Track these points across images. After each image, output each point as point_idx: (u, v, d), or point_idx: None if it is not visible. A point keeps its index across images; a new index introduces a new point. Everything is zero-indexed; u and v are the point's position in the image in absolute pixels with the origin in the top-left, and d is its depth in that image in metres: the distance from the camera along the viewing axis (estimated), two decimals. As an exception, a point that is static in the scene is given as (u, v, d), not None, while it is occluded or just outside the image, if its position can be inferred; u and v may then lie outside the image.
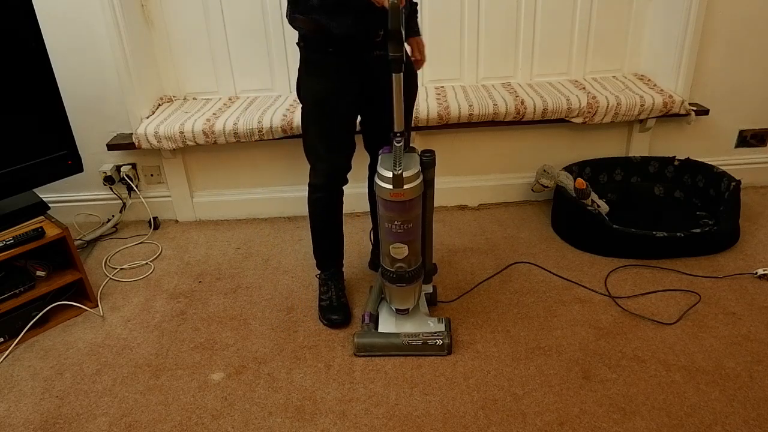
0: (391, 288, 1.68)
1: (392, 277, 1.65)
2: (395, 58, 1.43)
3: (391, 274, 1.65)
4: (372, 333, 1.71)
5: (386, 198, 1.52)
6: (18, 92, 1.75)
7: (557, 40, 2.44)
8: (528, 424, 1.43)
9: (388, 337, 1.68)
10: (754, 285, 1.90)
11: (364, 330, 1.72)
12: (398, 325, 1.73)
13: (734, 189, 2.15)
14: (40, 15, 1.75)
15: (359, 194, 2.02)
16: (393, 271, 1.64)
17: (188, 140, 2.22)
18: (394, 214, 1.54)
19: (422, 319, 1.73)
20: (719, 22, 2.28)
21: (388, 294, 1.72)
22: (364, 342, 1.68)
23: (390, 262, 1.63)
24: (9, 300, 1.78)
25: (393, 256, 1.61)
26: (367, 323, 1.73)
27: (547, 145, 2.48)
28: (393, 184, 1.49)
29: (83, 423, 1.51)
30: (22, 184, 1.83)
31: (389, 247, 1.60)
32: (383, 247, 1.62)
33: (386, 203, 1.53)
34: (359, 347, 1.68)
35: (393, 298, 1.71)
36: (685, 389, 1.50)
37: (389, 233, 1.58)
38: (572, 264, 2.07)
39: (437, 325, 1.71)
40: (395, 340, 1.67)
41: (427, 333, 1.67)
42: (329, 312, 1.83)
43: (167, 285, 2.08)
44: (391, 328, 1.73)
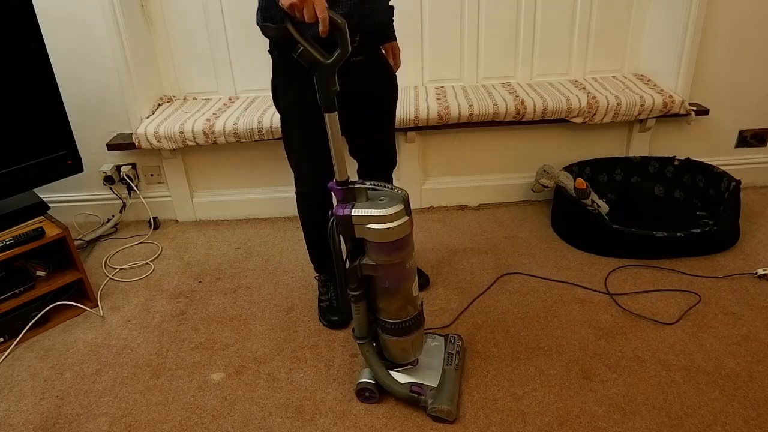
0: (413, 337, 1.46)
1: (416, 322, 1.44)
2: (328, 97, 1.28)
3: (414, 319, 1.44)
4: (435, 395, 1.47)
5: (404, 234, 1.31)
6: (18, 92, 1.75)
7: (557, 40, 2.44)
8: (528, 424, 1.43)
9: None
10: (754, 285, 1.90)
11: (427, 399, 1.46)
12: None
13: (734, 189, 2.15)
14: (40, 15, 1.75)
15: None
16: (417, 312, 1.45)
17: (188, 140, 2.23)
18: (409, 248, 1.36)
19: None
20: (719, 22, 2.28)
21: (404, 349, 1.48)
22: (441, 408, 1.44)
23: (413, 308, 1.43)
24: (9, 300, 1.78)
25: (415, 297, 1.42)
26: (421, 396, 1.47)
27: (547, 145, 2.48)
28: (406, 213, 1.30)
29: (83, 423, 1.51)
30: (22, 184, 1.83)
31: (412, 290, 1.40)
32: (401, 297, 1.40)
33: (403, 240, 1.32)
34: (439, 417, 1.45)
35: (415, 347, 1.50)
36: (685, 389, 1.50)
37: (408, 275, 1.38)
38: (572, 264, 2.07)
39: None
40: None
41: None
42: (329, 313, 1.82)
43: (167, 285, 2.08)
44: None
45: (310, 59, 1.25)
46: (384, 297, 1.41)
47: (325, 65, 1.25)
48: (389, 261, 1.34)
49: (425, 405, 1.45)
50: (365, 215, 1.29)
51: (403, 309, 1.42)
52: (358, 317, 1.46)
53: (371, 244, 1.33)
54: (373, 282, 1.40)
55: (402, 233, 1.30)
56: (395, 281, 1.37)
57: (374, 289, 1.41)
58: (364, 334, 1.48)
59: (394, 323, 1.42)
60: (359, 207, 1.30)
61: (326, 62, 1.25)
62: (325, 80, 1.27)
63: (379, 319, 1.46)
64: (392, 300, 1.40)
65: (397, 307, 1.41)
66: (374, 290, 1.42)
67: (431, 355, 1.56)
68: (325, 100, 1.29)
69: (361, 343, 1.49)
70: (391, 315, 1.42)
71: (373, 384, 1.49)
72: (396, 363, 1.52)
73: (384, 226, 1.28)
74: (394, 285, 1.38)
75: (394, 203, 1.29)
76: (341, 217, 1.32)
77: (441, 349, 1.58)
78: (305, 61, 1.25)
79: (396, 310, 1.42)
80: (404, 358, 1.51)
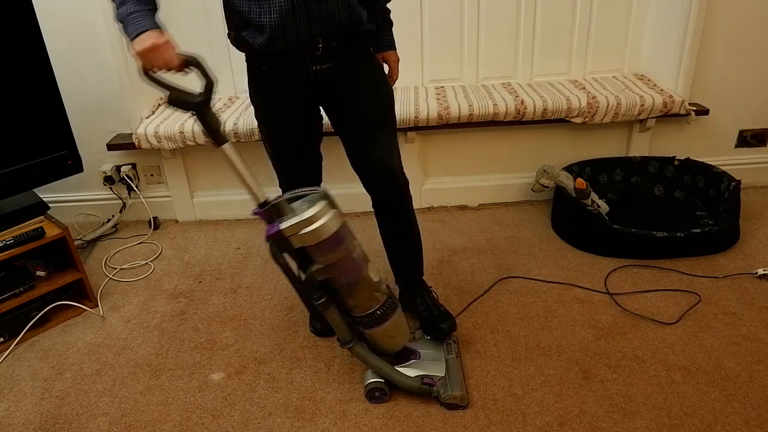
0: (394, 321, 1.46)
1: (389, 305, 1.45)
2: (213, 131, 1.29)
3: (386, 304, 1.45)
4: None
5: (336, 227, 1.31)
6: (18, 92, 1.75)
7: (557, 40, 2.44)
8: (528, 424, 1.43)
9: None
10: (754, 285, 1.90)
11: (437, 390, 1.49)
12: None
13: (734, 189, 2.15)
14: (40, 15, 1.75)
15: (358, 194, 1.99)
16: (387, 296, 1.45)
17: (188, 140, 2.23)
18: (348, 238, 1.36)
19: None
20: (719, 22, 2.28)
21: (391, 336, 1.49)
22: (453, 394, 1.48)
23: (380, 294, 1.44)
24: (9, 300, 1.78)
25: (378, 282, 1.43)
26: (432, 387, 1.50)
27: (547, 145, 2.48)
28: (331, 207, 1.32)
29: (83, 423, 1.51)
30: (22, 184, 1.83)
31: (372, 277, 1.41)
32: (363, 287, 1.41)
33: (338, 233, 1.32)
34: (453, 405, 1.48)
35: (402, 330, 1.50)
36: (685, 389, 1.50)
37: (360, 263, 1.39)
38: (572, 264, 2.07)
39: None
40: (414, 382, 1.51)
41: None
42: (316, 320, 1.79)
43: (167, 285, 2.08)
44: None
45: (179, 102, 1.26)
46: (348, 293, 1.42)
47: (195, 104, 1.26)
48: (335, 257, 1.34)
49: (438, 395, 1.48)
50: (293, 224, 1.29)
51: (371, 298, 1.43)
52: (335, 322, 1.46)
53: (312, 249, 1.33)
54: (333, 284, 1.40)
55: (334, 227, 1.31)
56: (351, 274, 1.38)
57: (336, 291, 1.42)
58: (349, 338, 1.48)
59: (368, 315, 1.44)
60: (285, 220, 1.31)
61: (196, 101, 1.26)
62: (204, 118, 1.29)
63: (355, 318, 1.46)
64: (357, 293, 1.41)
65: (365, 298, 1.42)
66: (337, 292, 1.42)
67: (431, 347, 1.61)
68: (211, 135, 1.31)
69: (350, 346, 1.49)
70: (363, 308, 1.43)
71: (383, 382, 1.50)
72: (393, 354, 1.53)
73: (314, 226, 1.29)
74: (352, 278, 1.39)
75: (316, 202, 1.32)
76: (274, 236, 1.33)
77: (439, 342, 1.63)
78: (176, 105, 1.27)
79: (365, 302, 1.43)
80: (397, 345, 1.52)
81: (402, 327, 1.50)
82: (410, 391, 1.50)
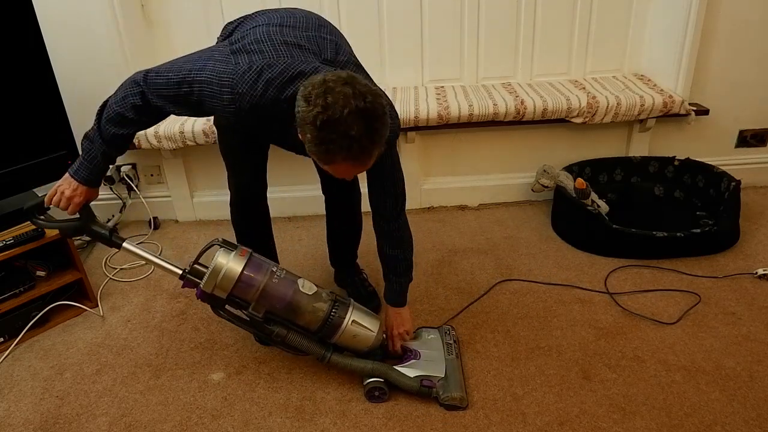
0: (351, 319, 1.49)
1: (338, 308, 1.48)
2: (105, 239, 1.55)
3: (333, 309, 1.47)
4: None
5: (241, 265, 1.42)
6: (18, 92, 1.75)
7: (557, 40, 2.44)
8: (528, 424, 1.43)
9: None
10: (754, 285, 1.90)
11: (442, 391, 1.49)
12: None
13: (734, 189, 2.15)
14: (40, 15, 1.75)
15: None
16: (330, 300, 1.49)
17: (188, 140, 2.22)
18: (260, 269, 1.45)
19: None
20: (719, 22, 2.28)
21: (356, 335, 1.50)
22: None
23: (321, 302, 1.47)
24: (9, 300, 1.78)
25: (314, 294, 1.48)
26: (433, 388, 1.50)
27: (547, 145, 2.48)
28: (231, 249, 1.45)
29: (83, 423, 1.51)
30: (22, 184, 1.83)
31: (303, 291, 1.46)
32: (299, 303, 1.46)
33: (249, 265, 1.43)
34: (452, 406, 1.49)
35: (367, 324, 1.50)
36: (685, 389, 1.50)
37: (284, 285, 1.46)
38: (572, 264, 2.07)
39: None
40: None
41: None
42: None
43: (167, 285, 2.08)
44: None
45: (68, 231, 1.55)
46: (293, 315, 1.47)
47: (81, 227, 1.54)
48: (258, 289, 1.42)
49: (437, 396, 1.48)
50: (207, 280, 1.42)
51: (315, 310, 1.46)
52: (302, 345, 1.50)
53: (236, 291, 1.43)
54: (273, 314, 1.47)
55: (239, 265, 1.41)
56: (281, 299, 1.45)
57: (280, 317, 1.48)
58: (323, 351, 1.51)
59: (322, 325, 1.47)
60: (201, 280, 1.43)
61: (81, 225, 1.53)
62: (93, 233, 1.54)
63: (315, 333, 1.50)
64: (298, 312, 1.46)
65: (309, 312, 1.46)
66: (282, 318, 1.48)
67: (431, 347, 1.60)
68: (106, 244, 1.55)
69: (328, 358, 1.50)
70: (313, 322, 1.47)
71: (382, 382, 1.50)
72: (373, 351, 1.54)
73: (223, 271, 1.41)
74: (285, 302, 1.45)
75: (215, 252, 1.44)
76: (202, 296, 1.45)
77: (438, 341, 1.62)
78: (67, 234, 1.60)
79: (311, 315, 1.46)
80: (365, 342, 1.51)
81: (364, 322, 1.50)
82: (409, 391, 1.49)
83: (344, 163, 1.18)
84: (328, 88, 1.12)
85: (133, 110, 1.36)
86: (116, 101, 1.39)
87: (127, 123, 1.40)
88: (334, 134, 1.11)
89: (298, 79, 1.25)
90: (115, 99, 1.39)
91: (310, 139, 1.14)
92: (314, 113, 1.11)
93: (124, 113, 1.37)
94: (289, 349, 1.51)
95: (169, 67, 1.35)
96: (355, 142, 1.12)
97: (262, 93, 1.25)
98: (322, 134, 1.12)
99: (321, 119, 1.10)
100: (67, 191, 1.46)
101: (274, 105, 1.27)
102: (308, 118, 1.12)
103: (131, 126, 1.41)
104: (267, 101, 1.26)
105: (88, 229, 1.52)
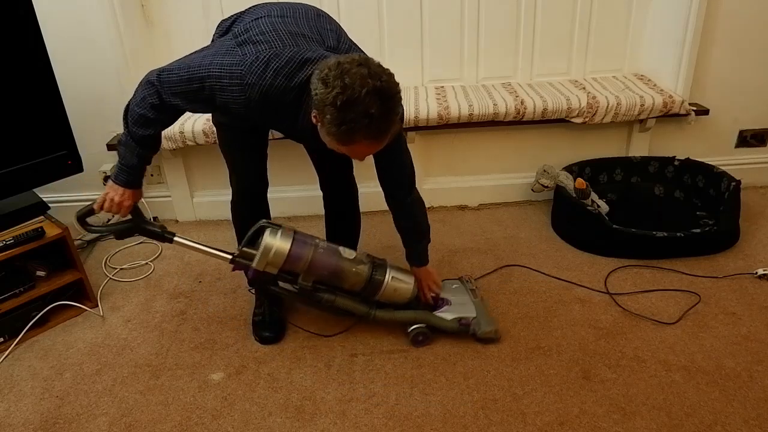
0: (391, 276, 1.63)
1: (377, 268, 1.62)
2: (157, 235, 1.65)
3: (373, 270, 1.61)
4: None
5: (293, 238, 1.54)
6: (18, 92, 1.75)
7: (557, 40, 2.44)
8: (528, 424, 1.43)
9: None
10: (754, 285, 1.90)
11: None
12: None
13: (734, 189, 2.15)
14: (40, 15, 1.74)
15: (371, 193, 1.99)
16: (370, 263, 1.62)
17: (188, 140, 2.22)
18: (307, 241, 1.57)
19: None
20: (720, 22, 2.28)
21: (396, 288, 1.64)
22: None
23: (362, 266, 1.61)
24: (9, 300, 1.78)
25: (354, 258, 1.60)
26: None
27: (547, 145, 2.48)
28: (277, 227, 1.56)
29: (83, 423, 1.51)
30: (22, 184, 1.83)
31: (346, 257, 1.59)
32: (344, 269, 1.58)
33: (296, 244, 1.54)
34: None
35: (405, 279, 1.65)
36: (685, 389, 1.50)
37: (330, 253, 1.58)
38: (572, 264, 2.07)
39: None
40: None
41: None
42: (261, 328, 1.77)
43: (167, 285, 2.08)
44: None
45: (122, 233, 1.61)
46: (338, 280, 1.60)
47: (134, 227, 1.60)
48: (307, 261, 1.54)
49: (474, 332, 1.67)
50: (259, 259, 1.53)
51: (358, 273, 1.59)
52: (349, 307, 1.64)
53: (287, 266, 1.54)
54: (320, 282, 1.60)
55: (287, 242, 1.53)
56: (328, 266, 1.57)
57: (327, 284, 1.61)
58: (368, 309, 1.66)
59: (366, 285, 1.61)
60: (253, 260, 1.53)
61: (133, 225, 1.60)
62: (145, 232, 1.62)
63: (360, 294, 1.63)
64: (343, 277, 1.59)
65: (353, 276, 1.59)
66: (328, 284, 1.61)
67: (457, 294, 1.78)
68: (159, 240, 1.63)
69: (373, 315, 1.66)
70: (358, 284, 1.61)
71: (425, 327, 1.67)
72: (407, 304, 1.68)
73: (274, 249, 1.52)
74: (331, 268, 1.57)
75: (263, 232, 1.54)
76: (255, 276, 1.56)
77: (463, 288, 1.80)
78: (122, 236, 1.63)
79: (354, 278, 1.60)
80: (405, 294, 1.65)
81: (400, 277, 1.65)
82: (450, 331, 1.68)
83: (364, 142, 1.23)
84: (344, 69, 1.16)
85: (153, 110, 1.40)
86: (136, 103, 1.41)
87: (150, 123, 1.43)
88: (354, 113, 1.16)
89: (305, 67, 1.29)
90: (135, 101, 1.42)
91: (330, 120, 1.19)
92: (333, 94, 1.15)
93: (145, 114, 1.40)
94: (338, 312, 1.67)
95: (179, 65, 1.38)
96: (374, 120, 1.18)
97: (271, 82, 1.29)
98: (343, 114, 1.16)
99: (341, 100, 1.15)
100: (116, 197, 1.52)
101: (283, 93, 1.30)
102: (327, 100, 1.16)
103: (155, 125, 1.45)
104: (276, 90, 1.29)
105: (140, 229, 1.60)
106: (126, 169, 1.50)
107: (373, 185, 1.61)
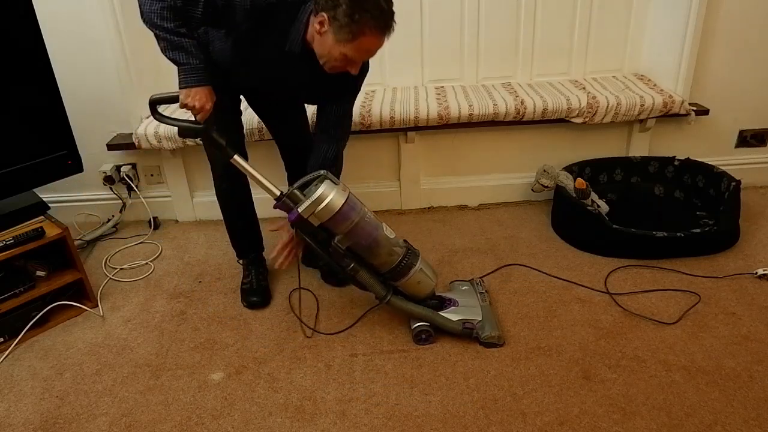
0: (418, 268, 1.64)
1: (410, 255, 1.63)
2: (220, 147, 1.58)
3: (406, 256, 1.62)
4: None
5: (345, 197, 1.52)
6: (18, 92, 1.75)
7: (557, 40, 2.44)
8: (528, 424, 1.43)
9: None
10: (754, 285, 1.90)
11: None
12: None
13: (734, 189, 2.15)
14: (40, 15, 1.74)
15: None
16: (405, 248, 1.64)
17: (188, 140, 2.22)
18: (358, 206, 1.57)
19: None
20: (720, 22, 2.28)
21: (419, 281, 1.66)
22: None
23: (398, 248, 1.62)
24: (9, 300, 1.78)
25: (393, 238, 1.61)
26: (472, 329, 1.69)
27: (547, 145, 2.48)
28: (335, 183, 1.54)
29: (83, 423, 1.51)
30: (22, 184, 1.83)
31: (387, 234, 1.60)
32: (382, 245, 1.59)
33: (348, 203, 1.53)
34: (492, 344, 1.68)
35: (429, 274, 1.67)
36: (685, 389, 1.50)
37: (374, 225, 1.59)
38: (572, 264, 2.07)
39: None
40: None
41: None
42: (249, 294, 1.92)
43: (167, 285, 2.08)
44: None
45: (188, 132, 1.53)
46: (371, 254, 1.61)
47: (200, 130, 1.52)
48: (351, 224, 1.54)
49: (478, 336, 1.67)
50: (307, 206, 1.50)
51: (392, 253, 1.61)
52: (368, 282, 1.65)
53: (330, 223, 1.53)
54: (356, 249, 1.60)
55: (341, 200, 1.51)
56: (368, 236, 1.57)
57: (360, 253, 1.62)
58: (384, 293, 1.67)
59: (394, 268, 1.62)
60: (301, 205, 1.52)
61: (200, 129, 1.52)
62: (209, 140, 1.54)
63: (384, 274, 1.65)
64: (378, 252, 1.60)
65: (386, 254, 1.61)
66: (361, 255, 1.62)
67: (466, 296, 1.79)
68: (220, 152, 1.57)
69: (387, 300, 1.67)
70: (387, 264, 1.62)
71: (428, 325, 1.68)
72: (426, 300, 1.70)
73: (325, 203, 1.50)
74: (371, 239, 1.58)
75: (322, 182, 1.53)
76: (296, 220, 1.53)
77: (472, 291, 1.82)
78: (186, 135, 1.55)
79: (387, 257, 1.61)
80: (426, 289, 1.68)
81: (427, 272, 1.67)
82: (453, 332, 1.69)
83: (369, 37, 1.37)
84: None
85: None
86: (148, 4, 1.40)
87: (176, 12, 1.40)
88: (369, 4, 1.33)
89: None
90: (145, 4, 1.41)
91: (344, 12, 1.33)
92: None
93: (166, 5, 1.39)
94: (356, 284, 1.69)
95: None
96: (384, 13, 1.35)
97: None
98: (359, 3, 1.32)
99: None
100: (197, 103, 1.45)
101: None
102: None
103: (181, 13, 1.41)
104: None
105: (206, 135, 1.52)
106: (191, 68, 1.44)
107: (373, 185, 1.60)
